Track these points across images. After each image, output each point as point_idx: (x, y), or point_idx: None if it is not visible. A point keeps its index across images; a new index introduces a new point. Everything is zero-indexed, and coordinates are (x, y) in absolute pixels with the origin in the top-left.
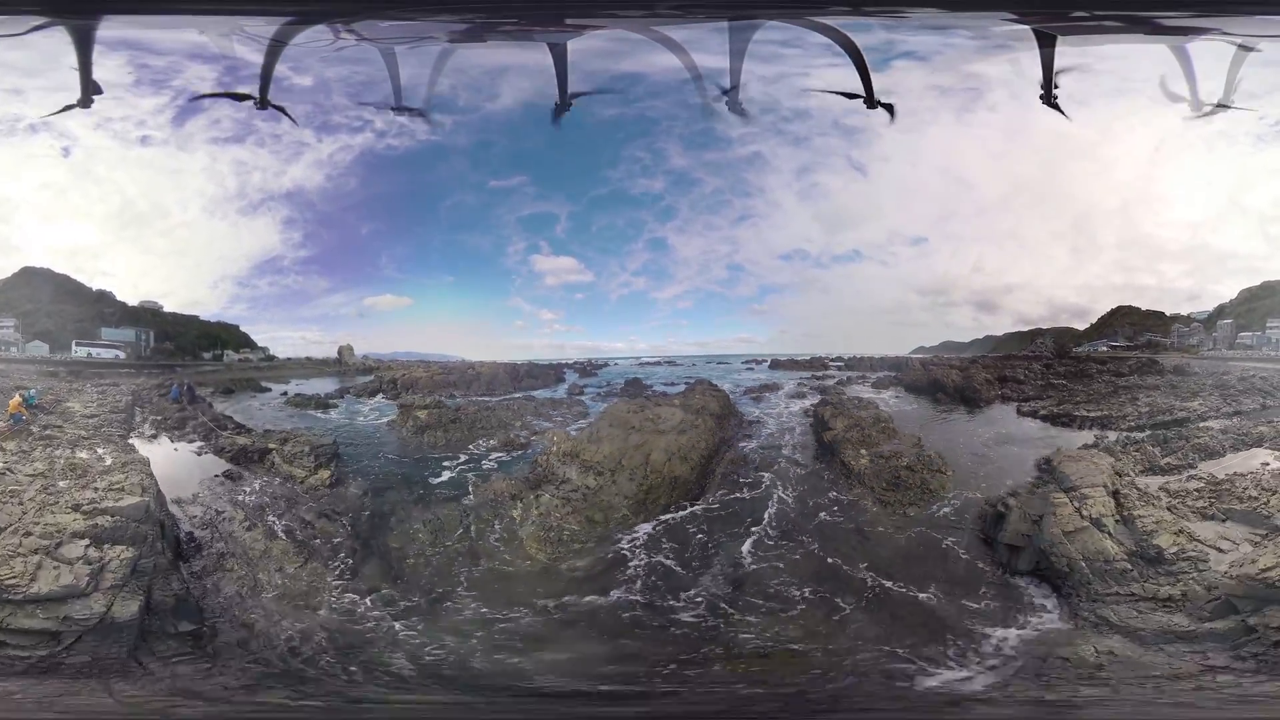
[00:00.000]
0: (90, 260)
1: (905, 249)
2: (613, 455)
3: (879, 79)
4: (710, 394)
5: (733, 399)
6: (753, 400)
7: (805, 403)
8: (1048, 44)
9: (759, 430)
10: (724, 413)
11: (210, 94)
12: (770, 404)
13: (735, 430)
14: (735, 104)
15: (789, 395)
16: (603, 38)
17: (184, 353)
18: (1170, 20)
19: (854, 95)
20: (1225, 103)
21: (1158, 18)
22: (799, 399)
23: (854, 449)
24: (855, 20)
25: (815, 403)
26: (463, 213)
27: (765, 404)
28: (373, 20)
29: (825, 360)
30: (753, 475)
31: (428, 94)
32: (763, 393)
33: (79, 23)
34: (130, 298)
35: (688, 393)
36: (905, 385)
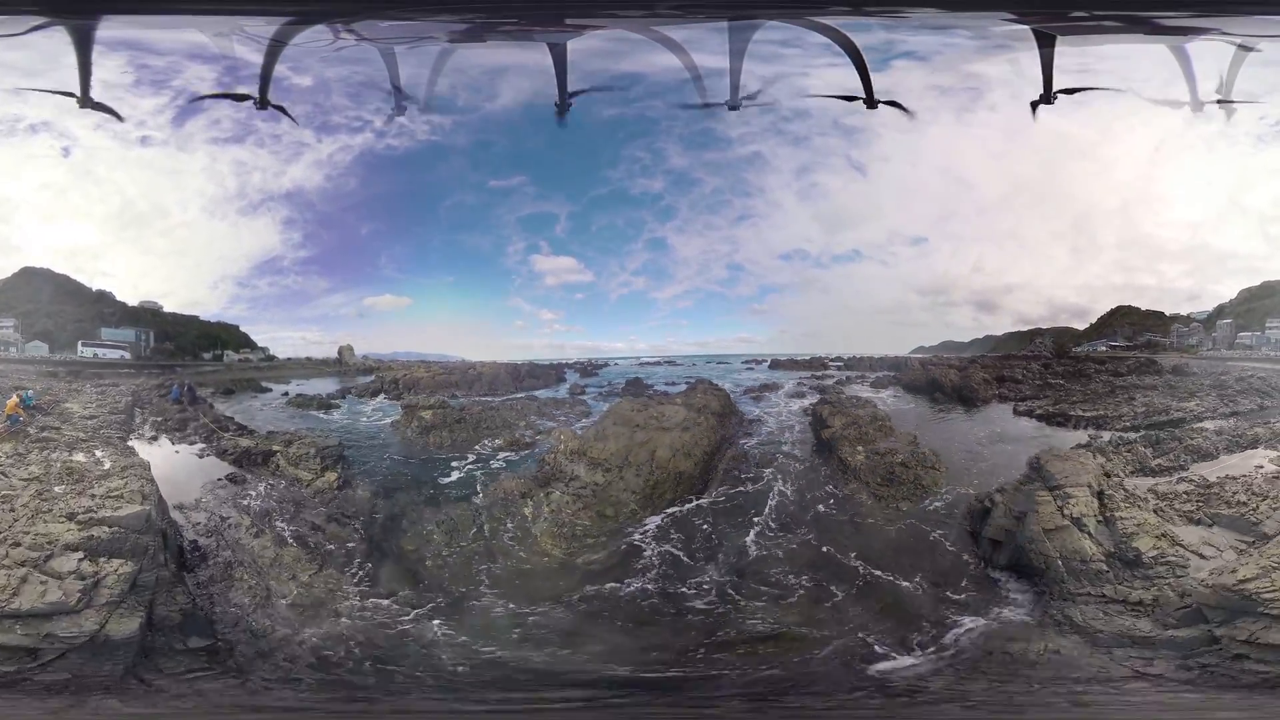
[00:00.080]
0: (90, 260)
1: (905, 249)
2: (619, 452)
3: (879, 79)
4: (711, 393)
5: (733, 398)
6: (753, 400)
7: (804, 402)
8: (1047, 44)
9: (759, 428)
10: (725, 411)
11: (210, 95)
12: (770, 403)
13: (736, 428)
14: (736, 102)
15: (788, 395)
16: (602, 38)
17: (184, 353)
18: (1170, 20)
19: (853, 97)
20: (1225, 101)
21: (1157, 18)
22: (798, 398)
23: (851, 446)
24: (855, 20)
25: (814, 402)
26: (462, 213)
27: (765, 403)
28: (372, 20)
29: (825, 360)
30: (754, 471)
31: (427, 94)
32: (763, 392)
33: (79, 23)
34: (130, 298)
35: (689, 391)
36: (904, 385)
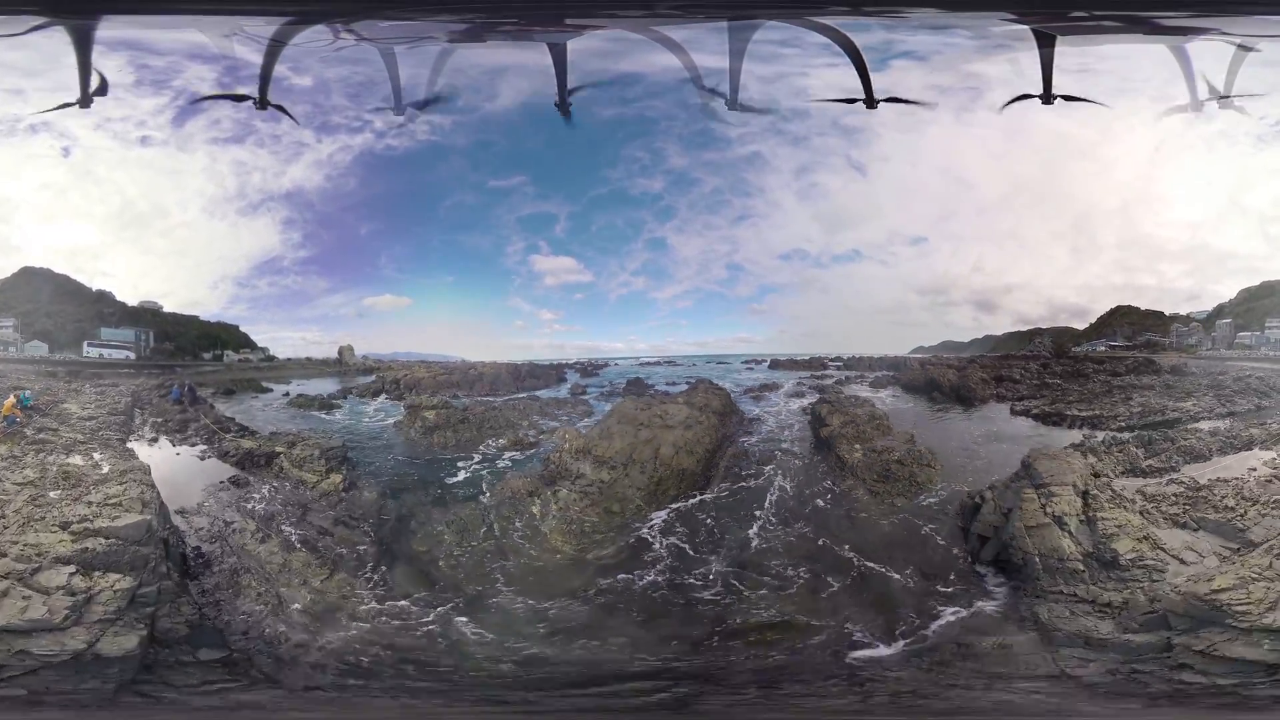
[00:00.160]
0: (90, 260)
1: (905, 249)
2: (624, 450)
3: (878, 79)
4: (712, 392)
5: (733, 398)
6: (753, 399)
7: (803, 401)
8: (1047, 44)
9: (759, 427)
10: (726, 410)
11: (210, 95)
12: (770, 402)
13: (736, 427)
14: (735, 102)
15: (788, 394)
16: (602, 38)
17: (184, 353)
18: (1170, 20)
19: (853, 99)
20: (1224, 103)
21: (1157, 18)
22: (797, 398)
23: (849, 444)
24: (854, 20)
25: (813, 401)
26: (462, 213)
27: (765, 403)
28: (372, 20)
29: (824, 360)
30: (754, 468)
31: (427, 94)
32: (762, 392)
33: (78, 23)
34: (130, 298)
35: (691, 391)
36: (902, 384)
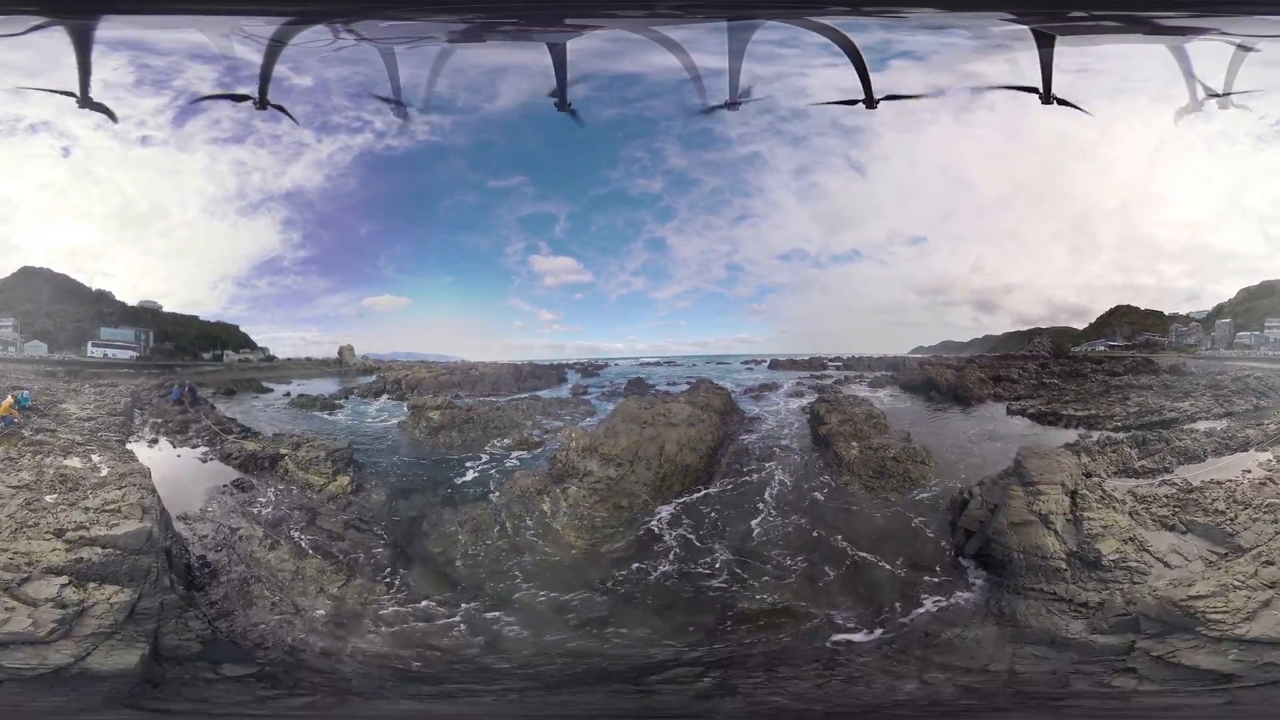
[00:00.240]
0: (90, 260)
1: (904, 249)
2: (630, 448)
3: (877, 79)
4: (713, 392)
5: (733, 397)
6: (753, 399)
7: (802, 401)
8: (1046, 44)
9: (759, 426)
10: (727, 409)
11: (210, 95)
12: (769, 402)
13: (737, 425)
14: (735, 102)
15: (787, 394)
16: (602, 38)
17: (183, 353)
18: (1169, 20)
19: (853, 101)
20: (1224, 102)
21: (1156, 18)
22: (797, 397)
23: (846, 441)
24: (853, 20)
25: (812, 400)
26: (462, 213)
27: (765, 402)
28: (372, 20)
29: (824, 360)
30: (755, 464)
31: (427, 94)
32: (762, 392)
33: (78, 23)
34: (130, 298)
35: (692, 390)
36: (901, 384)
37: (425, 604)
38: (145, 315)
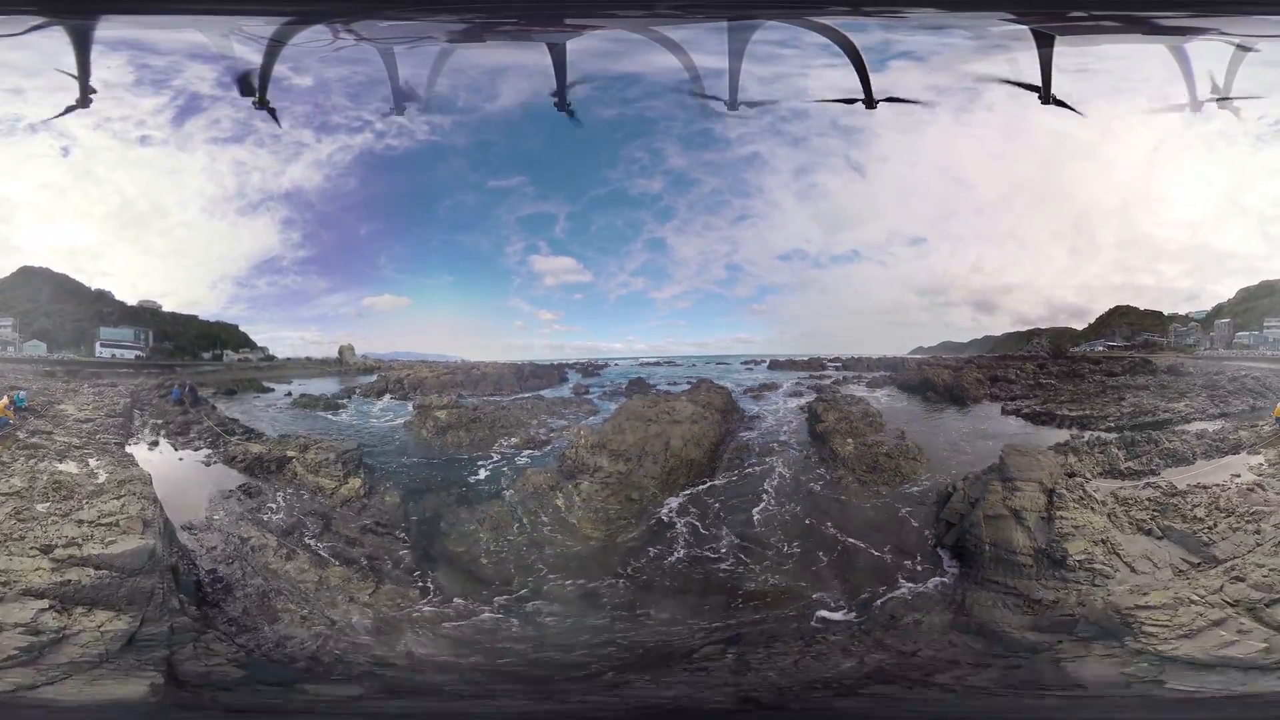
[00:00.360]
0: (89, 260)
1: (904, 249)
2: (637, 444)
3: (876, 79)
4: (714, 391)
5: (734, 397)
6: (752, 399)
7: (801, 400)
8: (1046, 44)
9: (759, 424)
10: (727, 408)
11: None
12: (769, 401)
13: (738, 423)
14: (735, 103)
15: (786, 394)
16: (602, 38)
17: (183, 352)
18: (1168, 20)
19: (853, 100)
20: (1223, 103)
21: (1156, 18)
22: (796, 397)
23: (841, 438)
24: (853, 20)
25: (810, 400)
26: (461, 213)
27: (764, 402)
28: (372, 20)
29: (823, 361)
30: (755, 459)
31: (427, 94)
32: (762, 392)
33: (77, 23)
34: (129, 297)
35: (694, 389)
36: (899, 385)
37: (460, 603)
38: (145, 315)
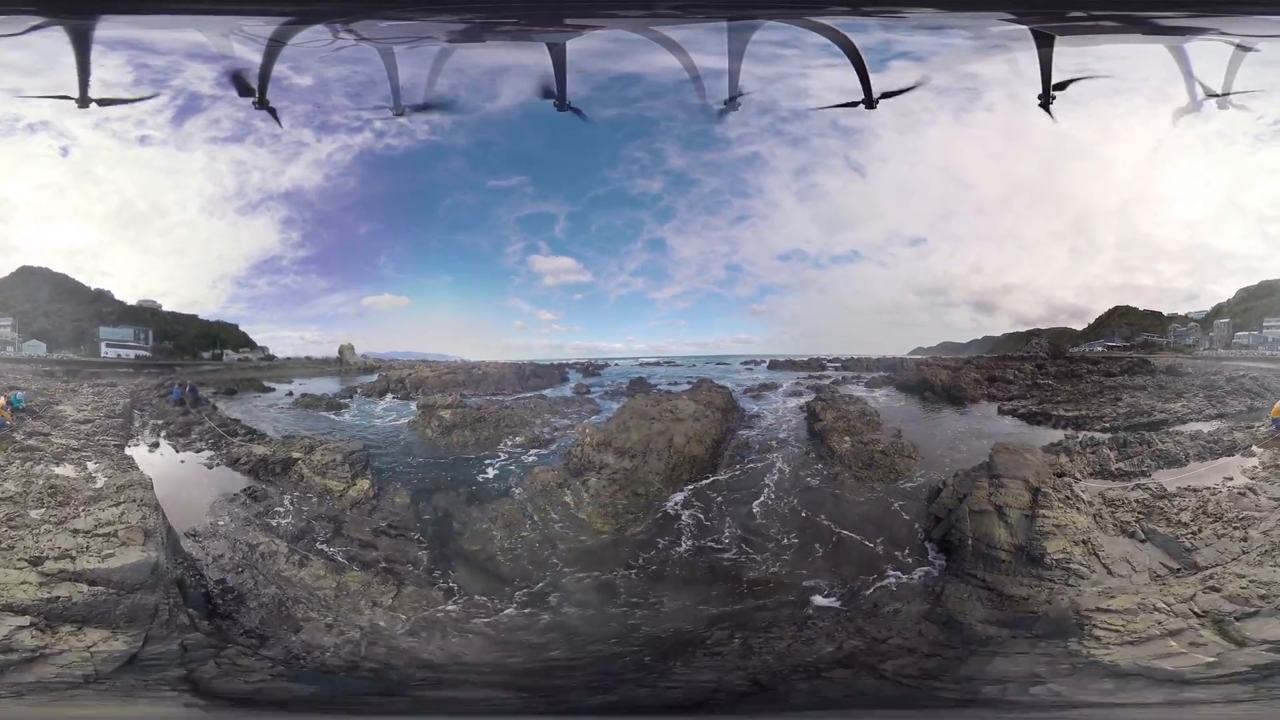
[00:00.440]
0: (89, 260)
1: (904, 249)
2: (641, 441)
3: (876, 79)
4: (715, 390)
5: (734, 396)
6: (752, 399)
7: (801, 400)
8: (1045, 44)
9: (758, 422)
10: (728, 407)
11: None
12: (769, 401)
13: (738, 422)
14: (734, 102)
15: (786, 394)
16: (601, 38)
17: (183, 352)
18: (1168, 20)
19: (853, 103)
20: (1222, 103)
21: (1155, 18)
22: (795, 396)
23: (839, 436)
24: (853, 20)
25: (809, 399)
26: (461, 212)
27: (764, 401)
28: (372, 20)
29: (823, 361)
30: (755, 456)
31: (427, 94)
32: (762, 391)
33: (77, 23)
34: (129, 297)
35: (695, 389)
36: (897, 385)
37: (485, 601)
38: (144, 314)
